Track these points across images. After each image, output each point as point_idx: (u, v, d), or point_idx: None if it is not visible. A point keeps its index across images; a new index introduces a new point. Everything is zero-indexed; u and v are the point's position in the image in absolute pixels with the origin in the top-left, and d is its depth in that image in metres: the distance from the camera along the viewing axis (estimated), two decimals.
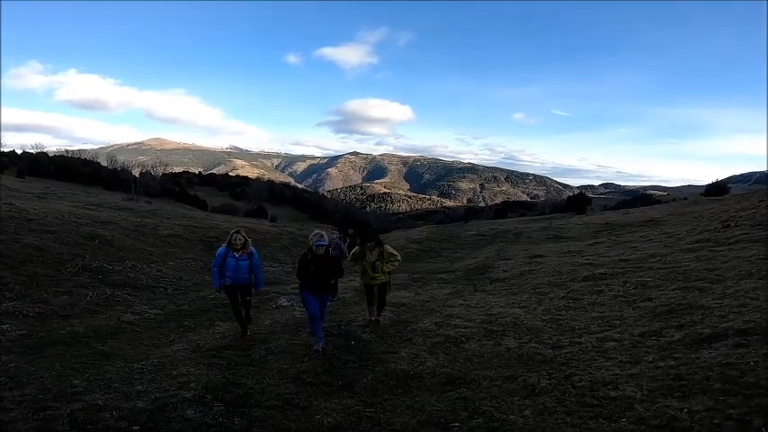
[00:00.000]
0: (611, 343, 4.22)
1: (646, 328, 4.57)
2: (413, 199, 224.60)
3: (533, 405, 3.00)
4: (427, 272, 14.10)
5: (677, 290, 6.45)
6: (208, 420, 2.98)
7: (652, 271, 8.55)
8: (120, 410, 3.00)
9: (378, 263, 5.60)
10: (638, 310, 5.60)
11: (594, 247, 15.68)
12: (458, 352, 4.52)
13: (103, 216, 14.10)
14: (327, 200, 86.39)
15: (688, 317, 4.79)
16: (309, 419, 3.02)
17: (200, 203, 43.81)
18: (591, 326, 5.04)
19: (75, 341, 4.95)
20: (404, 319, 6.43)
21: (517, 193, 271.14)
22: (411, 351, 4.55)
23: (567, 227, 28.21)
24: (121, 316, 6.30)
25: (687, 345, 3.81)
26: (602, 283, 7.98)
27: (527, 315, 6.02)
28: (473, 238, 27.89)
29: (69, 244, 9.44)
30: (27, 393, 3.29)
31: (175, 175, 67.65)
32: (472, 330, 5.30)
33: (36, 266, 7.57)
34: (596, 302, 6.51)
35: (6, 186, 18.97)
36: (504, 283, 9.94)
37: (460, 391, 3.46)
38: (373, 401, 3.37)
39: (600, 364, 3.61)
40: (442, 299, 8.51)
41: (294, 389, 3.63)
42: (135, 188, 36.17)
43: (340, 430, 2.88)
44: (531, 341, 4.65)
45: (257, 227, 25.15)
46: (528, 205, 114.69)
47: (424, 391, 3.54)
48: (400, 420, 2.99)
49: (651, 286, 7.08)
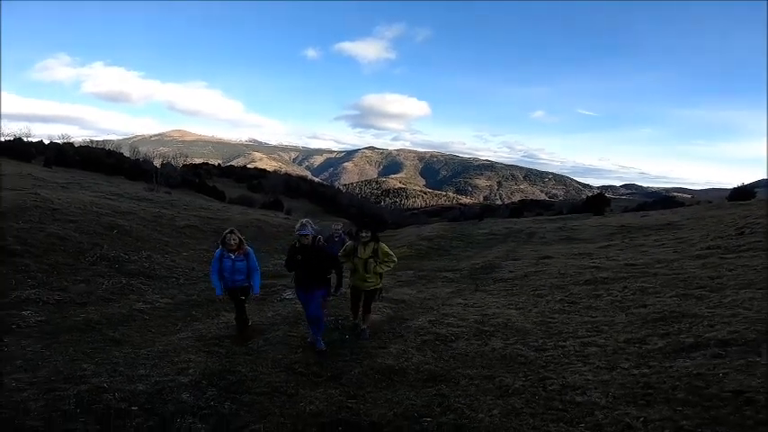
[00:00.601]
0: (594, 348, 4.32)
1: (632, 335, 4.64)
2: (428, 195, 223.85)
3: (503, 405, 3.16)
4: (434, 269, 14.24)
5: (674, 297, 6.45)
6: (200, 404, 3.25)
7: (656, 277, 8.51)
8: (121, 392, 3.29)
9: (371, 261, 4.97)
10: (631, 316, 5.65)
11: (605, 250, 15.54)
12: (445, 350, 4.69)
13: (123, 206, 14.70)
14: (343, 194, 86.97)
15: (676, 325, 4.85)
16: (294, 406, 3.26)
17: (219, 194, 44.75)
18: (579, 330, 5.14)
19: (89, 328, 5.32)
20: (401, 316, 6.62)
21: (535, 192, 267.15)
22: (400, 347, 4.75)
23: (581, 228, 27.85)
24: (134, 304, 6.68)
25: (667, 353, 3.89)
26: (603, 288, 8.00)
27: (520, 317, 6.14)
28: (485, 236, 27.82)
29: (89, 233, 9.95)
30: (40, 375, 3.61)
31: (195, 167, 69.14)
32: (463, 330, 5.46)
33: (58, 255, 8.05)
34: (591, 307, 6.57)
35: (33, 176, 19.89)
36: (507, 284, 10.02)
37: (439, 387, 3.65)
38: (357, 393, 3.58)
39: (576, 369, 3.74)
40: (443, 297, 8.66)
41: (284, 378, 3.88)
42: (156, 179, 37.23)
43: (320, 417, 3.10)
44: (516, 343, 4.79)
45: (271, 219, 25.70)
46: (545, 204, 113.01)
47: (405, 386, 3.74)
48: (378, 412, 3.19)
49: (650, 292, 7.08)
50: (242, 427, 2.93)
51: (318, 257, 4.63)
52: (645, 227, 24.20)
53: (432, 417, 3.08)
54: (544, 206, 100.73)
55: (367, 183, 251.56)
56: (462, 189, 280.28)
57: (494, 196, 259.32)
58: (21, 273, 6.88)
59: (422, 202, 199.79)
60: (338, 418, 3.08)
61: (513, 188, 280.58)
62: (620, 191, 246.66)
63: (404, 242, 25.35)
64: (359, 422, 3.05)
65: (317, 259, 4.62)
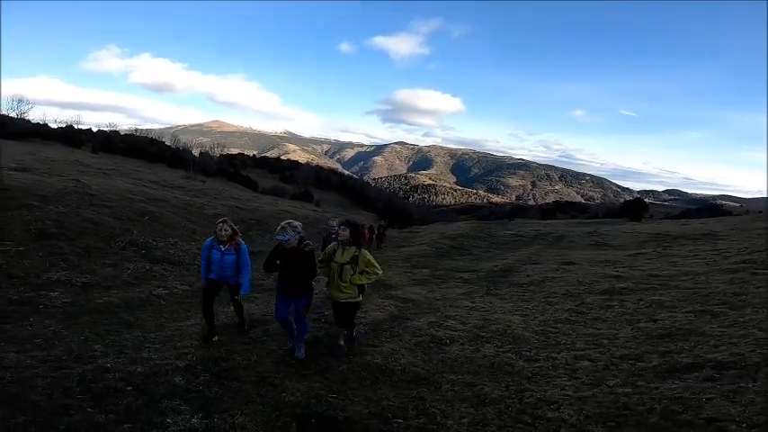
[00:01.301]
0: (586, 362, 4.24)
1: (629, 351, 4.52)
2: (458, 192, 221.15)
3: (475, 414, 3.18)
4: (451, 269, 14.20)
5: (689, 313, 6.18)
6: (190, 387, 3.48)
7: (677, 290, 8.16)
8: (121, 373, 3.57)
9: (348, 268, 4.30)
10: (636, 330, 5.47)
11: (633, 259, 14.95)
12: (436, 353, 4.74)
13: (157, 194, 15.51)
14: (371, 188, 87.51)
15: (680, 343, 4.67)
16: (275, 396, 3.44)
17: (252, 184, 46.16)
18: (577, 342, 5.04)
19: (108, 311, 5.72)
20: (403, 315, 6.70)
21: (570, 194, 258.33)
22: (393, 347, 4.84)
23: (613, 234, 26.82)
24: (153, 290, 7.10)
25: (659, 373, 3.77)
26: (617, 299, 7.75)
27: (522, 324, 6.07)
28: (510, 238, 27.32)
29: (122, 219, 10.61)
30: (54, 354, 3.96)
31: (231, 157, 71.49)
32: (460, 334, 5.47)
33: (90, 239, 8.67)
34: (599, 318, 6.40)
35: (79, 162, 21.31)
36: (521, 289, 9.87)
37: (421, 390, 3.71)
38: (339, 389, 3.70)
39: (560, 383, 3.69)
40: (452, 299, 8.66)
41: (274, 368, 4.06)
42: (193, 167, 38.90)
43: (297, 408, 3.25)
44: (509, 351, 4.76)
45: (298, 211, 26.33)
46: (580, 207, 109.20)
47: (388, 386, 3.83)
48: (354, 409, 3.31)
49: (665, 307, 6.81)
50: (222, 411, 3.12)
51: (298, 264, 4.21)
52: (682, 236, 23.03)
53: (404, 419, 3.16)
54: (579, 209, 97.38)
55: (396, 178, 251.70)
56: (494, 188, 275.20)
57: (526, 196, 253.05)
58: (55, 255, 7.46)
59: (451, 199, 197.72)
60: (314, 411, 3.22)
61: (547, 189, 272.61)
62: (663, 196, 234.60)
63: (426, 239, 25.31)
64: (334, 416, 3.18)
65: (297, 266, 4.21)
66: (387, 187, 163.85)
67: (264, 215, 20.04)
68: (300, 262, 4.20)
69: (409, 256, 17.86)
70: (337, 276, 4.37)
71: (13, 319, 4.92)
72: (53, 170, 15.35)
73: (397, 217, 53.24)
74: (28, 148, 25.10)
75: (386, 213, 53.36)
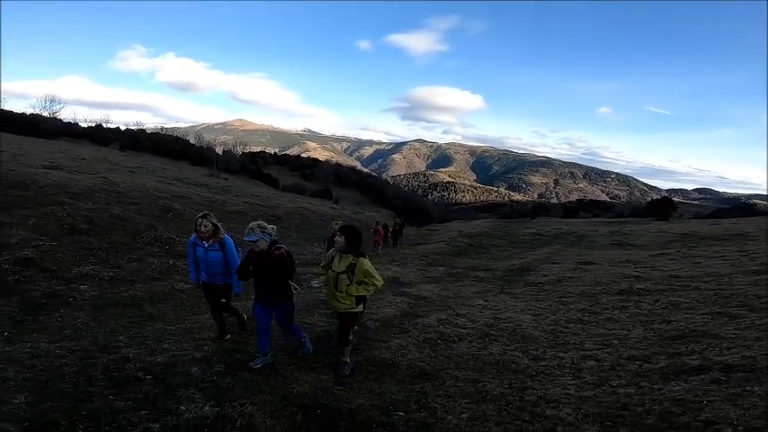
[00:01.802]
0: (592, 362, 4.24)
1: (638, 352, 4.48)
2: (478, 190, 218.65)
3: (475, 410, 3.26)
4: (467, 268, 14.17)
5: (705, 315, 6.05)
6: (205, 377, 3.68)
7: (697, 291, 7.97)
8: (142, 363, 3.81)
9: (343, 278, 3.94)
10: (649, 332, 5.41)
11: (655, 260, 14.58)
12: (443, 350, 4.82)
13: (181, 191, 16.06)
14: (389, 185, 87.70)
15: (691, 345, 4.60)
16: (284, 387, 3.60)
17: (273, 182, 47.05)
18: (586, 342, 5.03)
19: (132, 304, 6.04)
20: (414, 312, 6.81)
21: (595, 192, 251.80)
22: (401, 342, 4.95)
23: (637, 233, 26.12)
24: (176, 284, 7.42)
25: (664, 375, 3.75)
26: (633, 300, 7.63)
27: (532, 323, 6.08)
28: (530, 237, 26.96)
29: (147, 215, 11.07)
30: (81, 345, 4.24)
31: (253, 155, 72.88)
32: (469, 332, 5.54)
33: (117, 234, 9.10)
34: (612, 319, 6.33)
35: (108, 160, 22.23)
36: (536, 288, 9.81)
37: (424, 385, 3.81)
38: (346, 381, 3.85)
39: (562, 382, 3.72)
40: (465, 297, 8.69)
41: (286, 361, 4.24)
42: (216, 165, 39.91)
43: (304, 399, 3.41)
44: (516, 349, 4.80)
45: (317, 208, 26.70)
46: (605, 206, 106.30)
47: (393, 380, 3.94)
48: (358, 401, 3.44)
49: (682, 308, 6.67)
50: (233, 400, 3.30)
51: (270, 269, 3.89)
52: (711, 236, 22.24)
53: (405, 412, 3.27)
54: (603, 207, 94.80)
55: (415, 175, 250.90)
56: (515, 185, 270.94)
57: (549, 194, 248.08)
58: (84, 250, 7.89)
59: (471, 197, 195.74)
60: (320, 402, 3.37)
61: (570, 187, 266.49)
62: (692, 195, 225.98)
63: (444, 237, 25.25)
64: (338, 408, 3.32)
65: (269, 270, 3.89)
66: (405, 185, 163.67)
67: (285, 212, 20.47)
68: (272, 266, 3.88)
69: (425, 254, 17.90)
70: (333, 286, 4.03)
71: (46, 311, 5.27)
72: (83, 168, 16.09)
73: (416, 215, 53.19)
74: (59, 146, 26.32)
75: (404, 211, 53.35)
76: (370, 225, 19.38)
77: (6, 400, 3.08)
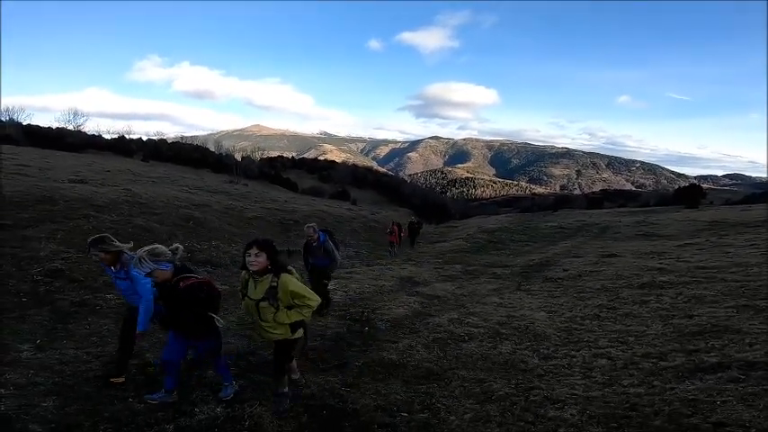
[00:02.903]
0: (604, 360, 4.16)
1: (654, 349, 4.37)
2: (498, 185, 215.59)
3: (478, 411, 3.25)
4: (485, 264, 14.06)
5: (730, 308, 5.82)
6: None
7: (723, 283, 7.67)
8: None
9: (266, 305, 3.11)
10: (668, 327, 5.25)
11: (682, 250, 14.09)
12: (453, 350, 4.82)
13: (201, 199, 16.53)
14: (406, 184, 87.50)
15: (712, 341, 4.44)
16: (293, 388, 3.70)
17: (292, 186, 47.78)
18: (600, 340, 4.93)
19: None
20: (426, 312, 6.82)
21: (620, 181, 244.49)
22: (410, 343, 4.98)
23: (664, 223, 25.29)
24: None
25: (679, 373, 3.64)
26: (655, 293, 7.42)
27: (546, 321, 6.00)
28: (552, 230, 26.44)
29: (169, 225, 11.46)
30: (107, 351, 4.45)
31: (271, 160, 74.08)
32: (480, 331, 5.51)
33: (140, 245, 9.43)
34: (631, 314, 6.18)
35: (131, 171, 23.10)
36: (554, 284, 9.65)
37: (430, 386, 3.83)
38: (353, 382, 3.92)
39: (571, 382, 3.67)
40: (481, 295, 8.64)
41: (297, 363, 4.34)
42: (236, 171, 40.85)
43: (311, 400, 3.50)
44: (527, 348, 4.75)
45: (335, 210, 26.95)
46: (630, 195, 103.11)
47: (399, 380, 3.98)
48: (363, 402, 3.50)
49: (705, 301, 6.44)
50: (243, 401, 3.42)
51: (177, 302, 3.12)
52: (741, 223, 21.34)
53: (409, 413, 3.30)
54: (628, 197, 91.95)
55: (432, 173, 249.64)
56: (536, 178, 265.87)
57: (572, 186, 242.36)
58: None
59: (491, 192, 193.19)
60: (326, 403, 3.45)
61: (593, 177, 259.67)
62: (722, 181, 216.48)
63: (462, 234, 25.07)
64: (344, 408, 3.38)
65: (176, 304, 3.13)
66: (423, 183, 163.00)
67: (302, 215, 20.72)
68: (178, 301, 3.10)
69: (442, 252, 17.83)
70: (257, 315, 3.21)
71: (74, 319, 5.55)
72: (107, 180, 16.77)
73: (434, 212, 52.90)
74: (85, 159, 27.46)
75: (422, 209, 53.15)
76: (387, 225, 19.43)
77: (36, 403, 3.29)
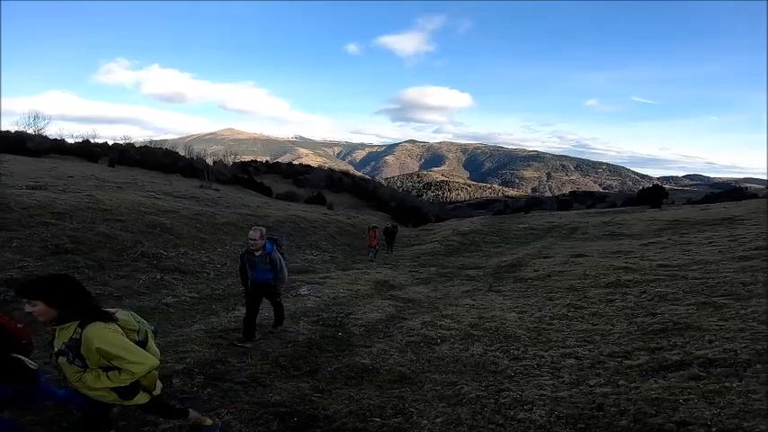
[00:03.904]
0: (571, 360, 4.26)
1: (619, 348, 4.50)
2: (472, 187, 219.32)
3: (450, 414, 3.25)
4: (458, 267, 14.21)
5: (691, 305, 6.09)
6: (185, 389, 3.71)
7: (684, 281, 8.01)
8: None
9: (65, 362, 2.34)
10: (633, 325, 5.43)
11: (646, 248, 14.67)
12: (425, 353, 4.83)
13: (168, 205, 15.98)
14: (383, 187, 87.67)
15: (674, 339, 4.61)
16: (262, 396, 3.62)
17: (266, 190, 46.87)
18: (568, 339, 5.05)
19: None
20: (401, 315, 6.82)
21: (588, 183, 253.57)
22: (383, 347, 4.96)
23: (629, 223, 26.30)
24: (163, 298, 7.40)
25: (644, 371, 3.75)
26: (620, 292, 7.68)
27: (516, 321, 6.10)
28: (523, 232, 27.04)
29: (134, 232, 11.00)
30: None
31: (244, 164, 72.55)
32: (452, 333, 5.55)
33: (104, 252, 9.05)
34: (597, 313, 6.37)
35: (95, 176, 22.10)
36: (524, 284, 9.85)
37: (403, 390, 3.82)
38: (325, 388, 3.86)
39: (540, 382, 3.72)
40: (454, 297, 8.72)
41: (266, 369, 4.25)
42: (207, 176, 39.73)
43: (281, 407, 3.42)
44: (497, 350, 4.81)
45: (309, 215, 26.60)
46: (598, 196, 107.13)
47: (372, 385, 3.95)
48: (335, 407, 3.44)
49: (668, 299, 6.71)
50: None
51: None
52: (701, 221, 22.43)
53: (381, 417, 3.27)
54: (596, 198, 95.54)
55: (408, 176, 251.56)
56: (508, 181, 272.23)
57: (542, 188, 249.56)
58: (70, 268, 7.84)
59: (465, 194, 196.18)
60: (296, 410, 3.38)
61: (563, 179, 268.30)
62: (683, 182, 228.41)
63: (438, 237, 25.28)
64: (315, 414, 3.32)
65: None
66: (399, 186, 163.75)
67: (276, 221, 20.36)
68: None
69: (418, 255, 17.93)
70: (66, 370, 2.40)
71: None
72: (69, 186, 15.97)
73: (411, 215, 53.14)
74: (46, 164, 26.10)
75: (399, 213, 53.30)
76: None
77: None
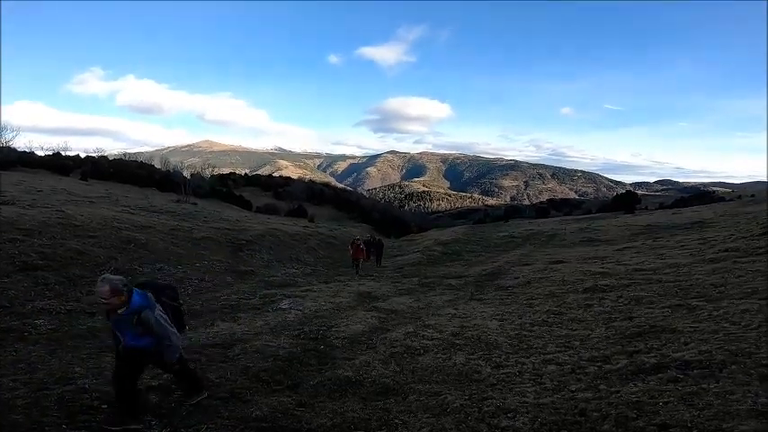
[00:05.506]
0: (552, 366, 4.31)
1: (599, 353, 4.59)
2: (453, 197, 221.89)
3: (434, 424, 3.24)
4: (440, 276, 14.26)
5: (666, 308, 6.28)
6: (163, 405, 3.58)
7: (658, 284, 8.27)
8: (98, 393, 3.68)
9: None
10: (611, 330, 5.56)
11: (621, 254, 15.10)
12: (409, 363, 4.80)
13: (143, 220, 15.54)
14: (366, 199, 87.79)
15: (651, 342, 4.74)
16: (242, 411, 3.52)
17: (246, 204, 46.13)
18: (549, 345, 5.12)
19: (90, 335, 5.79)
20: (383, 327, 6.77)
21: (564, 191, 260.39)
22: (367, 359, 4.91)
23: (605, 229, 27.01)
24: None
25: (623, 375, 3.83)
26: (597, 297, 7.86)
27: (498, 329, 6.15)
28: (503, 240, 27.44)
29: (107, 248, 10.65)
30: (36, 377, 4.06)
31: (223, 177, 71.39)
32: (435, 343, 5.55)
33: (75, 268, 8.72)
34: (576, 318, 6.49)
35: (67, 191, 21.38)
36: (505, 292, 9.97)
37: (388, 401, 3.78)
38: (308, 402, 3.78)
39: (522, 389, 3.76)
40: (436, 306, 8.73)
41: (247, 384, 4.15)
42: (185, 190, 38.86)
43: (263, 422, 3.33)
44: (480, 358, 4.83)
45: (289, 228, 26.28)
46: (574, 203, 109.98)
47: (356, 398, 3.90)
48: (319, 421, 3.38)
49: (643, 303, 6.91)
50: (189, 426, 3.21)
51: None
52: (673, 226, 23.25)
53: (366, 430, 3.22)
54: (573, 205, 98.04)
55: (390, 187, 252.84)
56: (488, 190, 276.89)
57: (521, 196, 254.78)
58: (40, 285, 7.54)
59: (446, 204, 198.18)
60: (278, 425, 3.30)
61: (540, 187, 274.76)
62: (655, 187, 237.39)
63: (420, 247, 25.37)
64: (298, 429, 3.25)
65: None
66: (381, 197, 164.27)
67: (256, 234, 19.99)
68: None
69: (401, 266, 17.91)
70: None
71: (0, 346, 5.01)
72: (38, 201, 15.37)
73: (394, 226, 53.22)
74: (14, 178, 25.08)
75: (382, 224, 53.31)
76: (348, 242, 18.84)
77: None
